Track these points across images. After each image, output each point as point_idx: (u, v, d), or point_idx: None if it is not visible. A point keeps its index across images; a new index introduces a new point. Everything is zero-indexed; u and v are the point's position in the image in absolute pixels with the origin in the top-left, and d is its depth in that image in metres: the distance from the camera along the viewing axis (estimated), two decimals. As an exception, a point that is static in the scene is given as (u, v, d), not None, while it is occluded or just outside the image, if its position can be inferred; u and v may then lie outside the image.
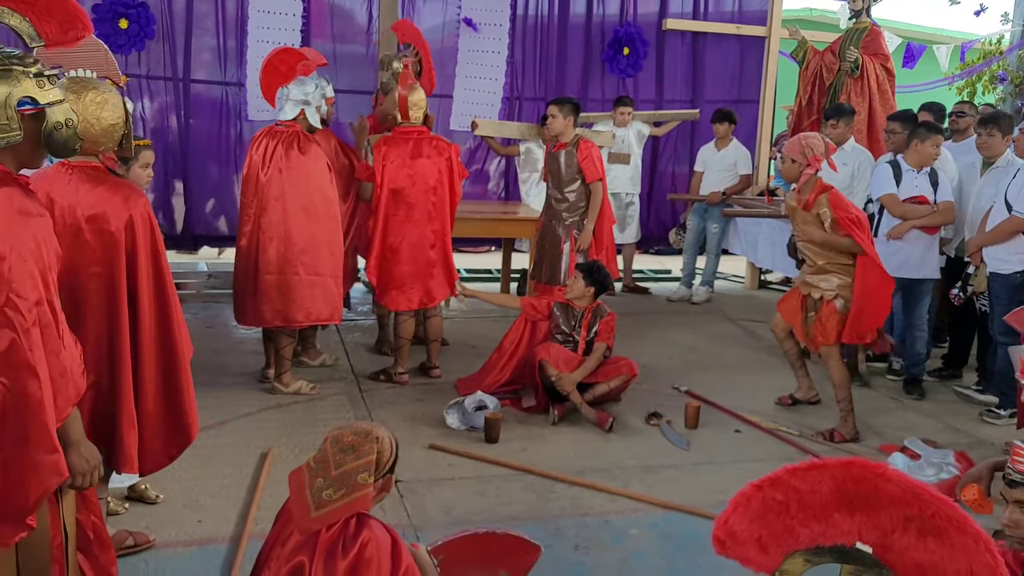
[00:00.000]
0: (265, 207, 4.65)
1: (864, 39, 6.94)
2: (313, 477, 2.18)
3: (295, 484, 2.20)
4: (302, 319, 4.74)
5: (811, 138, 4.56)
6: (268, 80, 4.89)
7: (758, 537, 1.36)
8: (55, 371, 2.23)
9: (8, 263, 2.07)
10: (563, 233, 5.61)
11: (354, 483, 2.15)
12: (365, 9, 7.51)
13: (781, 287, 8.40)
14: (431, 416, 4.69)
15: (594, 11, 8.07)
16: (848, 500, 1.32)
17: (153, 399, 3.02)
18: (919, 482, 1.30)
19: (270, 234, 4.65)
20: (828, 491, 1.31)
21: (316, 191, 4.68)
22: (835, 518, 1.32)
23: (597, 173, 5.54)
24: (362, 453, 2.17)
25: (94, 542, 2.48)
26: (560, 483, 3.99)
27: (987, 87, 12.02)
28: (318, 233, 4.69)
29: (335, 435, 2.22)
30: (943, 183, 5.24)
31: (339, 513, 2.13)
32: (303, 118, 4.71)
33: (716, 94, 8.40)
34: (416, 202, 4.99)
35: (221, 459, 4.05)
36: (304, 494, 2.16)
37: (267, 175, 4.64)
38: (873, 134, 6.84)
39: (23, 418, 2.12)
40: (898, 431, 4.74)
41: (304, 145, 4.68)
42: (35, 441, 2.13)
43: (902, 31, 10.05)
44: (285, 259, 4.65)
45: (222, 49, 7.08)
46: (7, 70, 2.06)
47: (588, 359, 4.78)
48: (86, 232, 2.88)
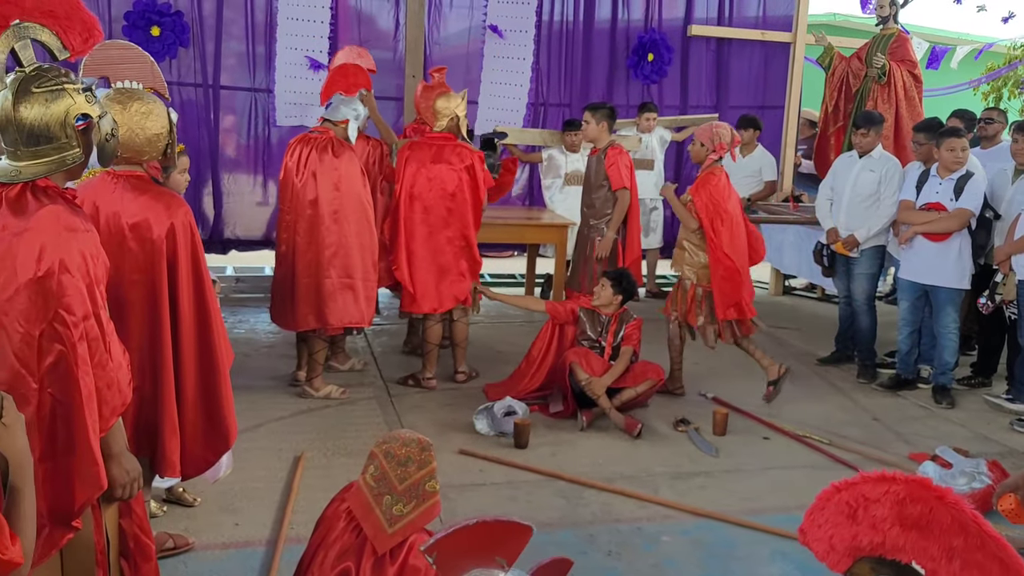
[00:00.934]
0: (301, 212, 4.73)
1: (891, 45, 6.93)
2: (378, 496, 2.20)
3: (360, 507, 2.22)
4: (334, 322, 4.79)
5: (721, 127, 5.10)
6: (335, 80, 4.99)
7: (829, 536, 1.40)
8: (101, 383, 2.27)
9: (56, 279, 2.11)
10: (592, 238, 5.65)
11: (423, 493, 2.18)
12: (392, 16, 7.55)
13: (805, 293, 8.39)
14: (460, 421, 4.73)
15: (619, 17, 8.07)
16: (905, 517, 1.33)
17: (193, 405, 3.06)
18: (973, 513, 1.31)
19: (306, 239, 4.73)
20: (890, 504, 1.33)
21: (348, 195, 4.74)
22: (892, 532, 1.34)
23: (622, 181, 5.50)
24: (423, 462, 2.20)
25: (135, 551, 2.52)
26: (590, 489, 4.01)
27: (1012, 92, 11.97)
28: (350, 236, 4.75)
29: (385, 450, 2.24)
30: (969, 191, 5.14)
31: (416, 525, 2.17)
32: (344, 126, 4.82)
33: (741, 100, 8.38)
34: (432, 206, 5.04)
35: (255, 463, 4.10)
36: (374, 515, 2.19)
37: (302, 180, 4.72)
38: (900, 141, 6.83)
39: (68, 429, 2.17)
40: (928, 439, 4.73)
41: (338, 149, 4.77)
42: (79, 453, 2.18)
43: (926, 35, 10.00)
44: (318, 263, 4.72)
45: (251, 55, 7.14)
46: (60, 88, 2.11)
47: (616, 363, 4.81)
48: (129, 240, 2.93)
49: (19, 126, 2.09)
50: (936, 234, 5.22)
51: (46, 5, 2.05)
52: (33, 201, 2.14)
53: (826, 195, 5.94)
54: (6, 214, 2.14)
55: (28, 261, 2.11)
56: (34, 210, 2.13)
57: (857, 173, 5.72)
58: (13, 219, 2.13)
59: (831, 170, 6.06)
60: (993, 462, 4.08)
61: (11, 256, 2.11)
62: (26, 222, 2.12)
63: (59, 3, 2.08)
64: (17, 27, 2.01)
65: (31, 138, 2.12)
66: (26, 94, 2.06)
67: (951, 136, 5.24)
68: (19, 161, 2.15)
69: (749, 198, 7.48)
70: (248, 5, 7.09)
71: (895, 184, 5.58)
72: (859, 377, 5.76)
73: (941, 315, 5.32)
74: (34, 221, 2.12)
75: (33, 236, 2.12)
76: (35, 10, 2.03)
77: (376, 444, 2.33)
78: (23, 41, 2.02)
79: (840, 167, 5.93)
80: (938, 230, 5.21)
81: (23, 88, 2.06)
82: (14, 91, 2.06)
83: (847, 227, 5.72)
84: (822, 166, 7.33)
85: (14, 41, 2.00)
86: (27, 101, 2.07)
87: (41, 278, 2.11)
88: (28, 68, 2.06)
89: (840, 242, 5.73)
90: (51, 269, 2.11)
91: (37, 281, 2.10)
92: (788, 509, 3.86)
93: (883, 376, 5.71)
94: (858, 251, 5.70)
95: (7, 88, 2.06)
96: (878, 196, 5.63)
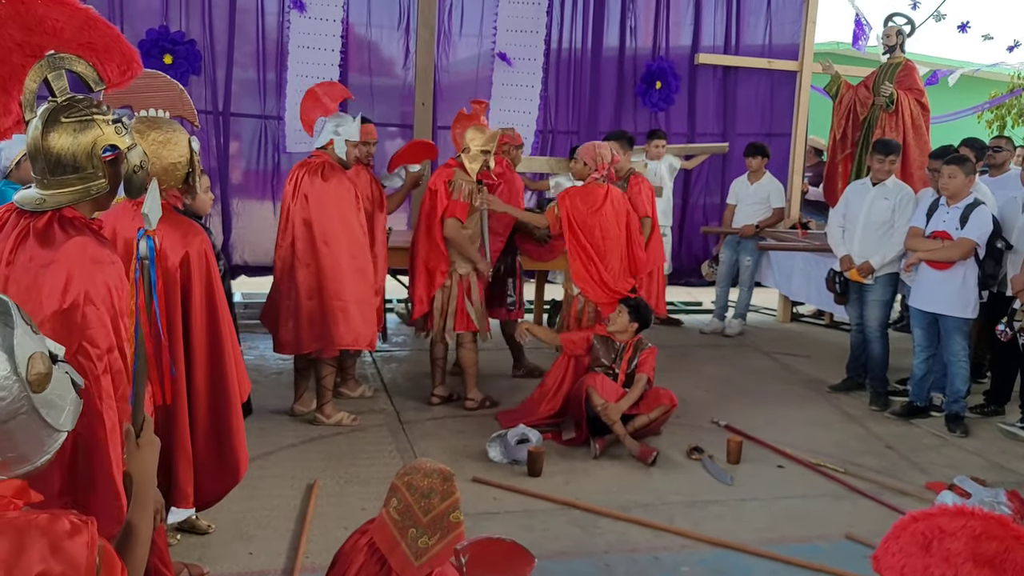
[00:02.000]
0: (294, 235, 4.75)
1: (899, 74, 6.96)
2: (403, 529, 2.18)
3: (385, 541, 2.20)
4: (326, 344, 4.77)
5: (603, 147, 5.27)
6: (310, 108, 4.97)
7: (902, 565, 1.38)
8: (124, 416, 2.26)
9: (81, 311, 2.11)
10: None
11: (448, 524, 2.16)
12: (401, 44, 7.61)
13: (813, 320, 8.37)
14: (473, 449, 4.70)
15: (627, 45, 8.13)
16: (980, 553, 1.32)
17: (204, 435, 3.04)
18: None
19: (299, 261, 4.74)
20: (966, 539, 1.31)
21: (336, 218, 4.72)
22: (965, 567, 1.32)
23: (646, 209, 5.65)
24: (446, 493, 2.18)
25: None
26: (605, 518, 3.98)
27: (1016, 120, 12.02)
28: (341, 259, 4.72)
29: (407, 482, 2.23)
30: (975, 221, 5.11)
31: (441, 557, 2.15)
32: (332, 148, 4.82)
33: (748, 127, 8.42)
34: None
35: (268, 491, 4.07)
36: (400, 548, 2.17)
37: (296, 203, 4.75)
38: (907, 169, 6.84)
39: (90, 463, 2.16)
40: (943, 468, 4.70)
41: (327, 173, 4.76)
42: (100, 486, 2.17)
43: (930, 63, 10.07)
44: (310, 286, 4.73)
45: (262, 82, 7.19)
46: (90, 119, 2.11)
47: (631, 390, 4.79)
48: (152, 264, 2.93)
49: (47, 155, 2.10)
50: (940, 262, 5.23)
51: (85, 37, 2.06)
52: (60, 232, 2.15)
53: (838, 223, 5.94)
54: (33, 245, 2.14)
55: (54, 293, 2.11)
56: (61, 242, 2.13)
57: (871, 201, 5.72)
58: (40, 250, 2.13)
59: (843, 198, 6.06)
60: (1012, 492, 4.05)
61: (37, 288, 2.11)
62: (53, 253, 2.12)
63: (99, 35, 2.09)
64: (52, 57, 2.02)
65: (58, 167, 2.12)
66: (55, 123, 2.07)
67: (943, 162, 5.30)
68: (45, 190, 2.16)
69: (758, 225, 7.50)
70: (259, 33, 7.15)
71: (909, 212, 5.58)
72: (871, 404, 5.73)
73: (950, 343, 5.30)
74: (61, 253, 2.12)
75: (59, 268, 2.11)
76: (73, 41, 2.04)
77: (397, 476, 2.30)
78: (57, 71, 2.03)
79: (853, 195, 5.93)
80: (940, 259, 5.21)
81: (53, 117, 2.07)
82: (44, 120, 2.07)
83: (861, 255, 5.72)
84: (830, 194, 7.35)
85: (48, 71, 2.01)
86: (56, 130, 2.07)
87: (66, 310, 2.10)
88: (60, 98, 2.07)
89: (855, 269, 5.72)
90: (76, 301, 2.11)
91: (62, 313, 2.10)
92: (806, 539, 3.83)
93: (895, 404, 5.68)
94: (872, 278, 5.70)
95: (38, 117, 2.06)
96: (892, 224, 5.63)
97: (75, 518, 1.39)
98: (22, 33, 2.01)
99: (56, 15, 2.02)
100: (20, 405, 1.36)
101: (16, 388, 1.36)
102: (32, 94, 2.03)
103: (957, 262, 5.15)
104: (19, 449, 1.38)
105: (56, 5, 2.02)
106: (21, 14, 1.99)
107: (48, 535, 1.34)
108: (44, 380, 1.39)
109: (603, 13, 8.00)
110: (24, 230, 2.15)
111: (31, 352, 1.39)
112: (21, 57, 2.01)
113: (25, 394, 1.37)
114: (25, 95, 2.02)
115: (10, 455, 1.37)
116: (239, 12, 7.04)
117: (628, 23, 8.10)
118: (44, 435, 1.41)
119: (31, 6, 1.99)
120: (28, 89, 2.01)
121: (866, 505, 4.23)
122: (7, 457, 1.37)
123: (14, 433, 1.36)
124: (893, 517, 4.00)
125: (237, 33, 7.07)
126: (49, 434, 1.42)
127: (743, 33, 8.42)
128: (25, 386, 1.36)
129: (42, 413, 1.39)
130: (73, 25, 2.04)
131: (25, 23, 2.00)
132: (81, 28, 2.06)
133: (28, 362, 1.38)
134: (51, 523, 1.36)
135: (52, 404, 1.41)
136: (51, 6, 2.01)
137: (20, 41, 2.01)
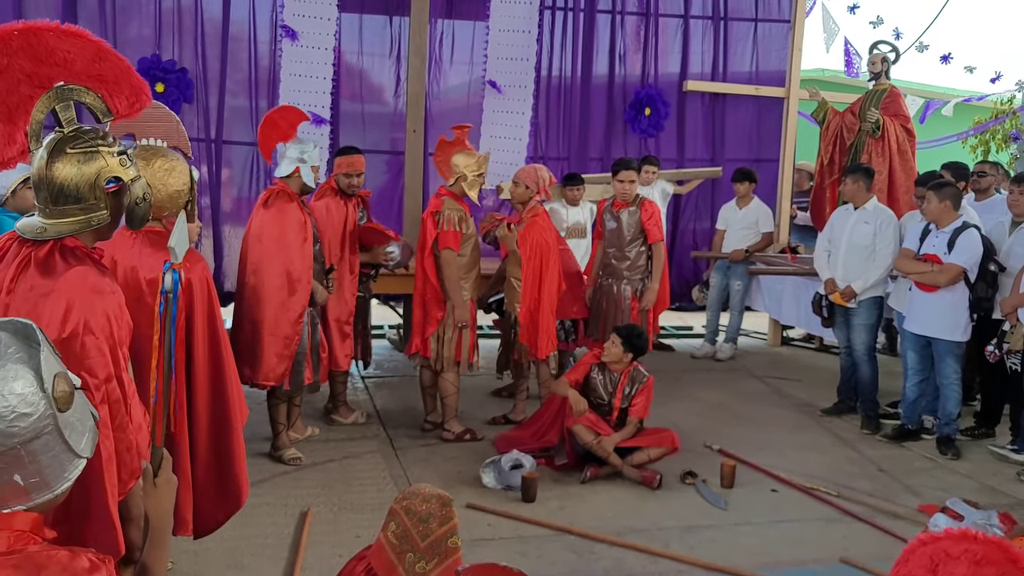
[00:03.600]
0: (243, 263, 4.69)
1: (884, 100, 7.06)
2: (400, 554, 2.18)
3: (382, 566, 2.20)
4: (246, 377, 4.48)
5: (541, 170, 5.47)
6: (267, 135, 4.88)
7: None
8: (120, 446, 2.26)
9: (80, 340, 2.12)
10: (625, 291, 5.76)
11: (446, 549, 2.16)
12: (392, 71, 7.67)
13: (804, 344, 8.41)
14: (466, 474, 4.70)
15: (616, 73, 8.22)
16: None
17: (205, 462, 3.04)
18: None
19: (242, 291, 4.65)
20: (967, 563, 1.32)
21: (267, 247, 4.58)
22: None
23: (660, 234, 5.77)
24: (444, 518, 2.18)
25: None
26: (601, 543, 3.97)
27: (1000, 145, 12.18)
28: (262, 290, 4.57)
29: (405, 507, 2.22)
30: (960, 247, 5.15)
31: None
32: (297, 176, 4.68)
33: (736, 153, 8.51)
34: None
35: (261, 518, 4.05)
36: (398, 573, 2.17)
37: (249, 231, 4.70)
38: (893, 194, 6.92)
39: (86, 493, 2.15)
40: (935, 491, 4.72)
41: (272, 201, 4.66)
42: (95, 517, 2.16)
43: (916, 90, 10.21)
44: (242, 312, 4.63)
45: (254, 110, 7.23)
46: (95, 151, 2.13)
47: (623, 431, 4.76)
48: (146, 295, 2.95)
49: (51, 184, 2.12)
50: (929, 286, 5.28)
51: (95, 69, 2.08)
52: (61, 262, 2.16)
53: (824, 247, 6.02)
54: (34, 274, 2.15)
55: (53, 322, 2.12)
56: (62, 271, 2.15)
57: (852, 225, 5.80)
58: (40, 279, 2.14)
59: (828, 223, 6.15)
60: (1005, 514, 4.07)
61: (36, 316, 2.12)
62: (53, 283, 2.13)
63: (110, 68, 2.11)
64: (60, 89, 2.04)
65: (60, 196, 2.14)
66: (61, 154, 2.09)
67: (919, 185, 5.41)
68: (47, 219, 2.17)
69: (747, 249, 7.56)
70: (251, 61, 7.20)
71: (889, 235, 5.65)
72: (863, 428, 5.76)
73: (942, 366, 5.34)
74: (61, 282, 2.13)
75: (59, 297, 2.13)
76: (83, 73, 2.07)
77: (396, 501, 2.30)
78: (65, 102, 2.05)
79: (836, 220, 6.03)
80: (928, 282, 5.27)
81: (59, 148, 2.09)
82: (50, 150, 2.08)
83: (844, 278, 5.78)
84: (818, 219, 7.42)
85: (55, 102, 2.03)
86: (61, 160, 2.09)
87: (66, 339, 2.11)
88: (67, 128, 2.09)
89: (838, 293, 5.78)
90: (75, 330, 2.12)
91: (61, 342, 2.10)
92: (801, 563, 3.84)
93: (886, 427, 5.71)
94: (856, 302, 5.75)
95: (43, 147, 2.08)
96: (874, 248, 5.69)
97: (93, 556, 1.39)
98: (32, 64, 2.03)
99: (68, 47, 2.04)
100: (46, 424, 1.37)
101: (43, 405, 1.36)
102: (38, 124, 2.05)
103: (945, 287, 5.20)
104: (42, 473, 1.38)
105: (68, 37, 2.05)
106: (32, 45, 2.01)
107: (67, 571, 1.34)
108: (69, 399, 1.40)
109: (592, 41, 8.11)
110: (25, 259, 2.16)
111: (56, 371, 1.40)
112: (29, 88, 2.03)
113: (51, 412, 1.37)
114: (31, 125, 2.03)
115: (32, 480, 1.37)
116: (231, 40, 7.10)
117: (617, 51, 8.20)
118: (65, 459, 1.41)
119: (43, 37, 2.01)
120: (35, 119, 2.03)
121: (860, 528, 4.24)
122: (29, 483, 1.37)
123: (38, 455, 1.36)
124: (887, 540, 4.04)
125: (229, 61, 7.11)
126: (70, 459, 1.42)
127: (730, 60, 8.53)
128: (52, 403, 1.37)
129: (65, 434, 1.39)
130: (84, 57, 2.07)
131: (36, 54, 2.02)
132: (92, 60, 2.08)
133: (54, 380, 1.38)
134: (71, 560, 1.36)
135: (74, 427, 1.42)
136: (63, 38, 2.04)
137: (29, 72, 2.03)
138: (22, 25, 2.09)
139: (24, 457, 1.36)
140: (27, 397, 1.35)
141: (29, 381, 1.36)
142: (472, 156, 5.19)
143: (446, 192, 5.18)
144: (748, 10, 8.50)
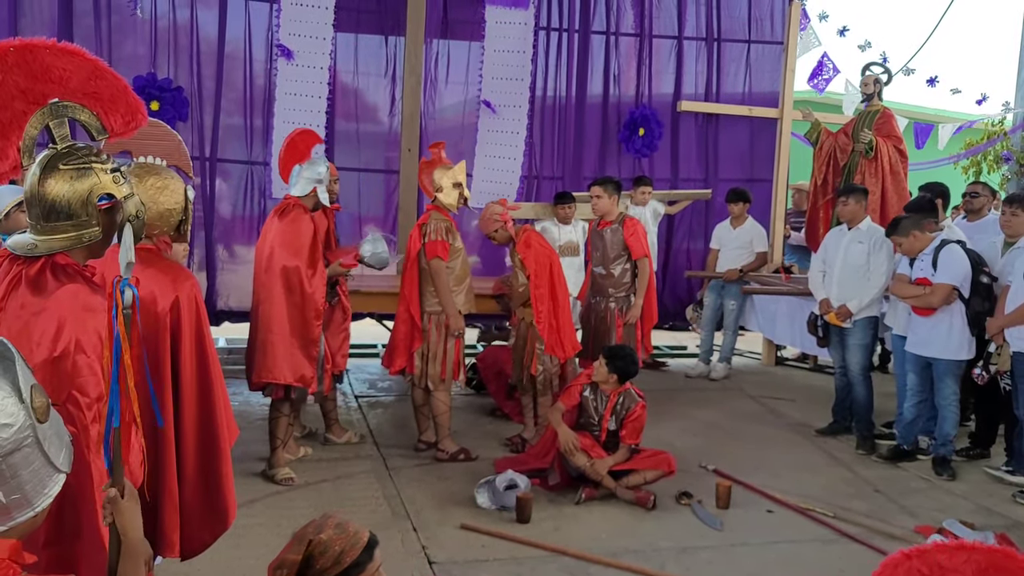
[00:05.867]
0: (258, 272, 4.75)
1: (876, 121, 7.10)
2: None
3: None
4: (253, 377, 4.69)
5: (487, 207, 5.54)
6: (288, 156, 5.02)
7: None
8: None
9: (72, 359, 2.09)
10: (611, 308, 5.76)
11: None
12: (387, 91, 7.70)
13: (798, 364, 8.41)
14: (460, 495, 4.66)
15: (610, 93, 8.27)
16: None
17: (192, 483, 3.00)
18: None
19: (255, 297, 4.76)
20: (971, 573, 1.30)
21: (279, 249, 4.68)
22: None
23: (643, 250, 5.77)
24: (289, 551, 2.19)
25: None
26: (596, 565, 3.94)
27: (992, 166, 12.23)
28: (274, 290, 4.66)
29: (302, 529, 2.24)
30: (944, 264, 5.19)
31: None
32: (313, 195, 4.85)
33: (729, 173, 8.55)
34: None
35: (253, 539, 4.01)
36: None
37: (263, 241, 4.79)
38: (886, 214, 6.94)
39: (76, 514, 2.12)
40: (931, 512, 4.70)
41: (287, 211, 4.78)
42: (87, 538, 2.13)
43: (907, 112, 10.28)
44: (257, 317, 4.72)
45: (249, 129, 7.24)
46: (88, 167, 2.11)
47: (616, 455, 4.73)
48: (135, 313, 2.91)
49: (42, 201, 2.10)
50: (919, 308, 5.29)
51: (91, 87, 2.07)
52: (52, 280, 2.13)
53: (819, 267, 6.03)
54: (25, 292, 2.12)
55: (44, 340, 2.09)
56: (53, 289, 2.12)
57: (847, 245, 5.82)
58: (32, 297, 2.12)
59: (823, 243, 6.17)
60: (1001, 535, 4.06)
61: (27, 335, 2.09)
62: (44, 301, 2.11)
63: (106, 86, 2.10)
64: (55, 105, 2.03)
65: (52, 213, 2.12)
66: (53, 170, 2.07)
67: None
68: (39, 235, 2.15)
69: (741, 269, 7.57)
70: (247, 80, 7.22)
71: (883, 254, 5.67)
72: (858, 448, 5.74)
73: (941, 386, 5.33)
74: (52, 300, 2.11)
75: (50, 315, 2.10)
76: (79, 90, 2.05)
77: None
78: (59, 119, 2.04)
79: (831, 240, 6.05)
80: (922, 305, 5.28)
81: (51, 164, 2.07)
82: (42, 167, 2.07)
83: (839, 298, 5.79)
84: (812, 239, 7.44)
85: (50, 119, 2.02)
86: (53, 177, 2.08)
87: (57, 358, 2.08)
88: (60, 145, 2.08)
89: (833, 313, 5.78)
90: (67, 349, 2.09)
91: (52, 361, 2.08)
92: (798, 584, 3.81)
93: (882, 447, 5.70)
94: (851, 322, 5.75)
95: (36, 164, 2.07)
96: (868, 267, 5.70)
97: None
98: (27, 80, 2.01)
99: (64, 64, 2.03)
100: (26, 435, 1.35)
101: (22, 416, 1.35)
102: (32, 140, 2.04)
103: (940, 307, 5.21)
104: (23, 489, 1.36)
105: (65, 54, 2.04)
106: (28, 62, 2.00)
107: None
108: (46, 411, 1.39)
109: (587, 62, 8.16)
110: (16, 276, 2.14)
111: (32, 383, 1.39)
112: (23, 104, 2.02)
113: (30, 423, 1.36)
114: (24, 140, 2.02)
115: (13, 497, 1.35)
116: (227, 59, 7.12)
117: (611, 71, 8.25)
118: (45, 474, 1.39)
119: (39, 54, 2.00)
120: (28, 135, 2.01)
121: (856, 549, 4.22)
122: (10, 500, 1.35)
123: (19, 469, 1.34)
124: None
125: (224, 80, 7.13)
126: (50, 474, 1.40)
127: (724, 81, 8.58)
128: (31, 414, 1.35)
129: (44, 447, 1.38)
130: (81, 75, 2.05)
131: (31, 71, 2.01)
132: (88, 78, 2.07)
133: (31, 391, 1.37)
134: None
135: (52, 440, 1.40)
136: (59, 55, 2.03)
137: (24, 88, 2.01)
138: (19, 42, 2.08)
139: (5, 471, 1.34)
140: (7, 408, 1.34)
141: (8, 392, 1.35)
142: (447, 168, 5.25)
143: (432, 207, 5.24)
144: (741, 32, 8.56)
